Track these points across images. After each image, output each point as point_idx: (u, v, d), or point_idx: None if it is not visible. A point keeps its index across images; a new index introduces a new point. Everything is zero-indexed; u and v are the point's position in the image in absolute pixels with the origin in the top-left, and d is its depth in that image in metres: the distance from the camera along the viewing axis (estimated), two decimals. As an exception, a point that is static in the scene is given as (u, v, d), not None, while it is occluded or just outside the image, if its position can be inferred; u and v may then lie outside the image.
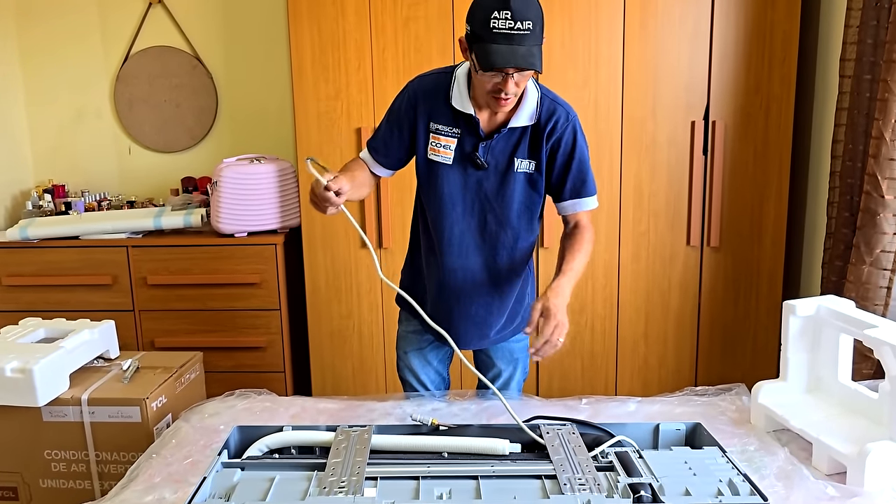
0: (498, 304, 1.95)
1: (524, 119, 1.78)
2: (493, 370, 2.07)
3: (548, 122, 1.79)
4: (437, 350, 2.08)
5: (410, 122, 1.84)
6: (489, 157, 1.80)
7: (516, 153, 1.81)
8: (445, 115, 1.80)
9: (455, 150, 1.81)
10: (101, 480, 2.06)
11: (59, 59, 3.41)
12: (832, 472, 1.57)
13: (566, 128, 1.80)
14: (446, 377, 2.15)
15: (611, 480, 1.31)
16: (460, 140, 1.80)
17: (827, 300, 1.77)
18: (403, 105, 1.85)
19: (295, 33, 2.79)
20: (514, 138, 1.80)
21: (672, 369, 2.95)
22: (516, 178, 1.82)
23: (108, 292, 3.02)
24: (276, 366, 3.05)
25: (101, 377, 2.13)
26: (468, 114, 1.78)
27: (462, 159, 1.82)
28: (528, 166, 1.82)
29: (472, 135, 1.80)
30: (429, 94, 1.82)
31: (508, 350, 2.05)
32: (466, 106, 1.77)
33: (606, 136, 2.79)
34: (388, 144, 1.88)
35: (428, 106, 1.82)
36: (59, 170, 3.48)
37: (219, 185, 2.95)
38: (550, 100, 1.81)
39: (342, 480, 1.30)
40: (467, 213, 1.85)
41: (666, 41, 2.72)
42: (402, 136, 1.86)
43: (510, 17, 1.54)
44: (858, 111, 2.29)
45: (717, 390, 1.93)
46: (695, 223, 2.83)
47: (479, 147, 1.80)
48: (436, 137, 1.82)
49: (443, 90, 1.80)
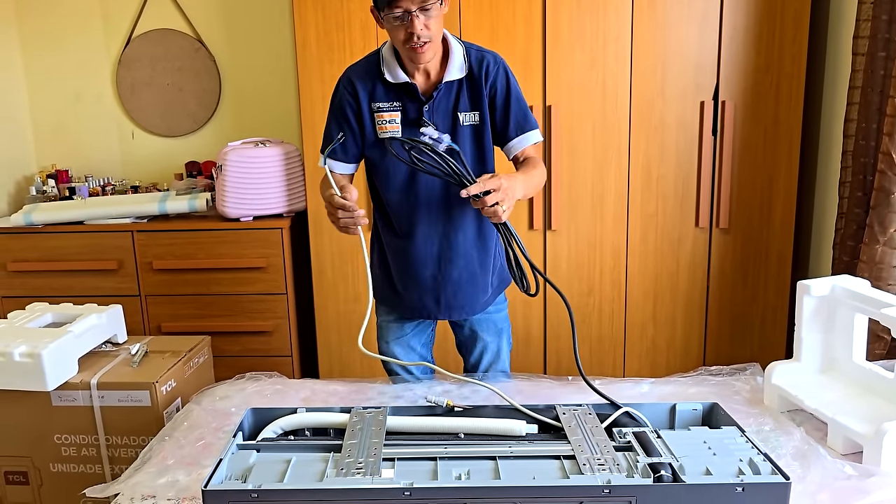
0: (481, 260, 1.98)
1: (456, 72, 1.84)
2: (479, 344, 2.09)
3: (480, 69, 1.85)
4: (420, 335, 2.11)
5: (354, 110, 1.88)
6: (435, 117, 1.85)
7: (458, 107, 1.86)
8: (383, 92, 1.86)
9: (401, 122, 1.86)
10: (112, 464, 2.06)
11: (61, 43, 3.38)
12: (847, 451, 1.56)
13: (498, 70, 1.86)
14: (431, 360, 2.16)
15: (630, 460, 1.29)
16: (403, 110, 1.86)
17: (842, 280, 1.76)
18: (343, 96, 1.88)
19: (299, 14, 2.76)
20: (453, 94, 1.85)
21: (680, 351, 2.95)
22: (463, 133, 1.87)
23: (113, 277, 3.00)
24: (283, 350, 3.04)
25: (110, 361, 2.12)
26: (404, 82, 1.83)
27: (409, 127, 1.86)
28: (472, 118, 1.87)
29: (413, 101, 1.85)
30: (362, 77, 1.87)
31: (492, 322, 2.08)
32: (399, 76, 1.83)
33: (614, 117, 2.77)
34: (344, 142, 1.90)
35: (365, 88, 1.87)
36: (61, 155, 3.46)
37: (224, 169, 2.92)
38: (476, 50, 1.88)
39: (359, 462, 1.29)
40: (427, 179, 1.87)
41: (675, 20, 2.69)
42: (352, 126, 1.89)
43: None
44: (872, 89, 2.27)
45: (731, 370, 1.92)
46: (704, 204, 2.81)
47: (423, 111, 1.84)
48: (380, 115, 1.87)
49: (374, 70, 1.87)
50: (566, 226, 2.86)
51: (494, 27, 2.71)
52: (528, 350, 2.95)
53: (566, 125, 2.78)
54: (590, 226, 2.86)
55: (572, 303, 2.92)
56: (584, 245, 2.88)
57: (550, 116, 2.76)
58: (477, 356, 2.10)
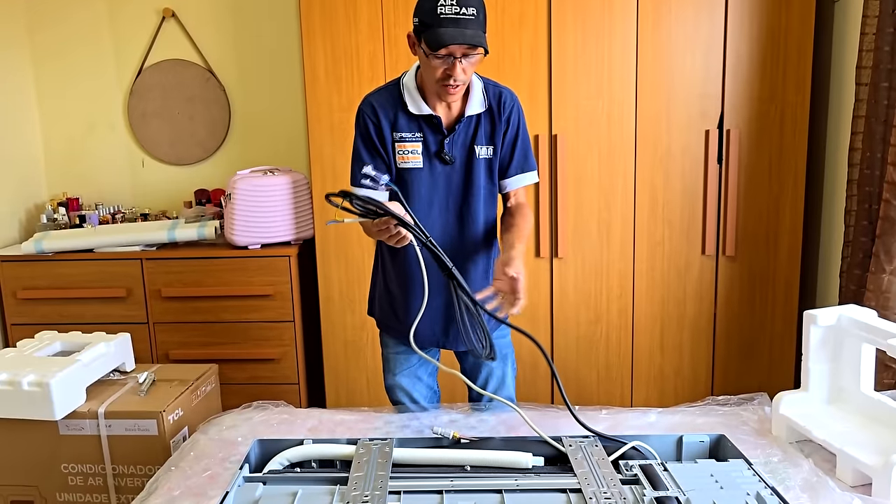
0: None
1: (476, 106, 1.88)
2: (484, 370, 2.09)
3: (499, 105, 1.90)
4: (426, 365, 2.10)
5: (379, 136, 1.89)
6: (454, 150, 1.89)
7: (476, 141, 1.90)
8: (406, 122, 1.88)
9: (423, 153, 1.89)
10: (118, 494, 2.06)
11: (73, 72, 3.43)
12: (857, 483, 1.54)
13: (513, 107, 1.92)
14: (437, 389, 2.17)
15: (636, 494, 1.29)
16: (424, 142, 1.88)
17: (848, 309, 1.76)
18: (368, 125, 1.89)
19: (308, 45, 2.80)
20: (472, 128, 1.89)
21: (688, 379, 2.93)
22: (478, 165, 1.91)
23: (122, 305, 3.02)
24: (290, 377, 3.04)
25: (118, 390, 2.13)
26: (428, 114, 1.86)
27: (430, 159, 1.89)
28: (487, 152, 1.91)
29: (435, 133, 1.88)
30: (384, 107, 1.89)
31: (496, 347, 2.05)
32: (423, 108, 1.86)
33: (620, 145, 2.79)
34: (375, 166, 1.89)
35: (387, 118, 1.89)
36: (72, 183, 3.50)
37: (233, 198, 2.95)
38: (493, 85, 1.92)
39: (365, 495, 1.29)
40: (443, 210, 1.92)
41: (679, 49, 2.72)
42: (378, 152, 1.90)
43: (455, 4, 1.67)
44: (876, 119, 2.28)
45: (738, 399, 1.91)
46: (710, 232, 2.82)
47: (444, 143, 1.87)
48: (401, 145, 1.89)
49: (396, 100, 1.89)
50: (573, 254, 2.87)
51: (500, 57, 2.74)
52: (535, 378, 2.94)
53: (572, 154, 2.80)
54: (596, 254, 2.87)
55: (580, 331, 2.94)
56: (591, 273, 2.88)
57: (556, 145, 2.78)
58: (482, 383, 2.10)
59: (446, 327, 1.99)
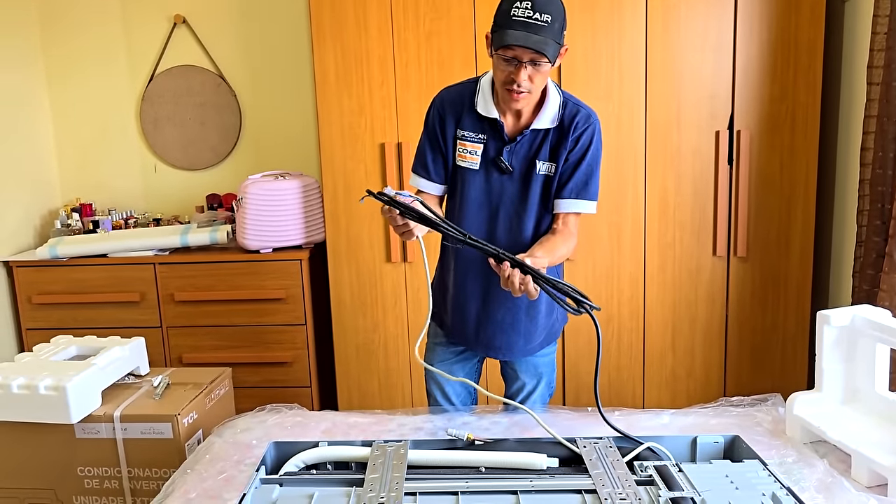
0: (528, 307, 1.95)
1: (546, 122, 1.82)
2: (517, 383, 2.07)
3: (570, 124, 1.83)
4: (464, 363, 2.08)
5: (442, 131, 1.88)
6: (513, 160, 1.85)
7: (538, 156, 1.85)
8: (471, 122, 1.86)
9: (481, 155, 1.86)
10: (134, 497, 2.07)
11: (85, 79, 3.46)
12: (872, 484, 1.54)
13: (585, 128, 1.84)
14: (473, 392, 2.14)
15: (652, 495, 1.29)
16: (486, 145, 1.85)
17: (862, 310, 1.75)
18: (434, 117, 1.90)
19: (318, 50, 2.81)
20: (537, 141, 1.84)
21: (700, 381, 2.93)
22: (536, 181, 1.86)
23: (136, 309, 3.04)
24: (302, 380, 3.05)
25: (133, 394, 2.14)
26: (493, 118, 1.83)
27: (487, 164, 1.86)
28: (548, 169, 1.86)
29: (496, 139, 1.85)
30: (454, 103, 1.88)
31: (533, 364, 2.05)
32: (491, 111, 1.83)
33: (630, 147, 2.79)
34: (433, 159, 1.92)
35: (454, 114, 1.87)
36: (85, 188, 3.53)
37: (244, 202, 2.97)
38: (573, 104, 1.86)
39: (381, 496, 1.30)
40: (491, 217, 1.89)
41: (689, 51, 2.72)
42: (439, 147, 1.90)
43: (530, 8, 1.63)
44: (888, 118, 2.27)
45: (752, 400, 1.90)
46: (721, 233, 2.81)
47: (503, 151, 1.84)
48: (462, 144, 1.87)
49: (468, 98, 1.86)
50: (583, 256, 2.87)
51: (510, 60, 2.74)
52: (547, 380, 2.94)
53: (582, 156, 2.80)
54: (607, 256, 2.87)
55: (591, 333, 2.93)
56: (602, 275, 2.88)
57: (566, 147, 2.78)
58: (513, 393, 2.09)
59: (478, 333, 1.97)
